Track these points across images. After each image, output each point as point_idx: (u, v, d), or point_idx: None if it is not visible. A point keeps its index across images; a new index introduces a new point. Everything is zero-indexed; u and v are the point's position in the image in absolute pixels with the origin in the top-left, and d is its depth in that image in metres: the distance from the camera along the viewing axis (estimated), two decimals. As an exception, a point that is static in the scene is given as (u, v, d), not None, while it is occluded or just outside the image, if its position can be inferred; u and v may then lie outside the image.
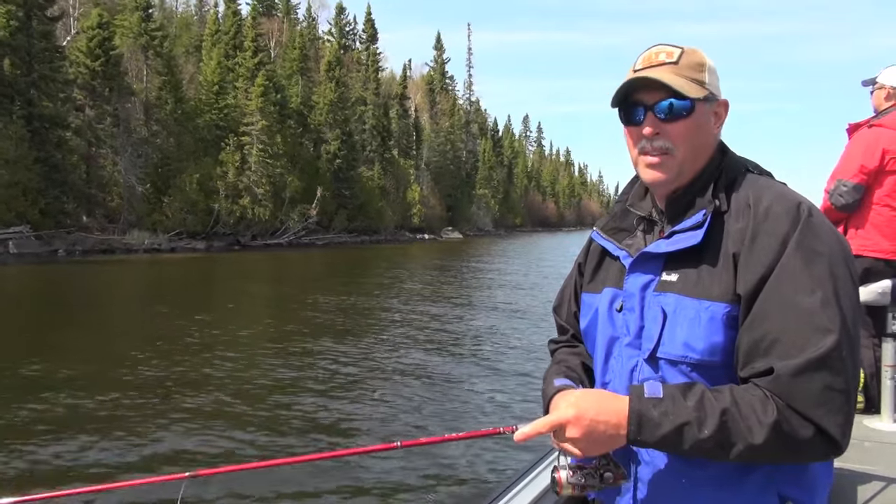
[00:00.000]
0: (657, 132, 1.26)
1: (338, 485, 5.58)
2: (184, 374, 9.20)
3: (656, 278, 1.27)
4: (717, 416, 1.10)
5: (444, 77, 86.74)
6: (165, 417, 7.24)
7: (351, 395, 8.48)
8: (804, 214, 1.17)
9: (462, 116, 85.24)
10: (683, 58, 1.27)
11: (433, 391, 8.72)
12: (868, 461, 2.90)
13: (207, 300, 17.27)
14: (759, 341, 1.13)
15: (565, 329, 1.57)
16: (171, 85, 42.46)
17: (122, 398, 7.95)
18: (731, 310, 1.17)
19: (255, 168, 43.64)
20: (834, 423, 1.08)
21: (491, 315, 15.30)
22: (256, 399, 8.17)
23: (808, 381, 1.08)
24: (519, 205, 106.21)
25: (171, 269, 29.14)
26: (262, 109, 43.82)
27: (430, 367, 10.11)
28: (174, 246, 38.64)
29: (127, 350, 10.66)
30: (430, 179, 72.99)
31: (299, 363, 10.17)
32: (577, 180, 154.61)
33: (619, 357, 1.32)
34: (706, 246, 1.21)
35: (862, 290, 3.67)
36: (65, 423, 7.00)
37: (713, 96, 1.28)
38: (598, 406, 1.17)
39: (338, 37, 69.64)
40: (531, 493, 1.81)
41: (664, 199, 1.33)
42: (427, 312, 15.43)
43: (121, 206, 38.60)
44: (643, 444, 1.16)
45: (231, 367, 9.72)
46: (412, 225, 65.88)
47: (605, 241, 1.42)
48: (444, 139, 77.16)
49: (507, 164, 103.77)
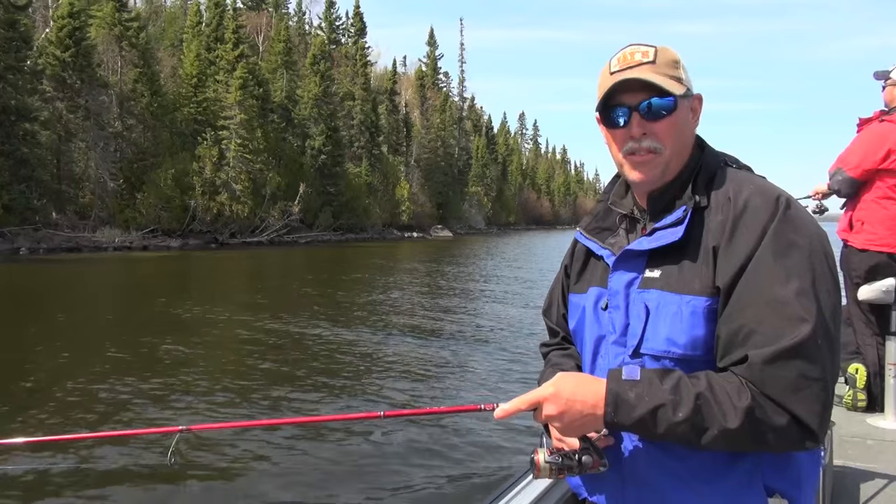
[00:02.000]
0: (644, 132, 1.27)
1: (320, 449, 5.93)
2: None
3: (640, 275, 1.28)
4: (691, 399, 1.11)
5: (437, 73, 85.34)
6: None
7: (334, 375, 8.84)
8: (782, 206, 1.18)
9: (454, 112, 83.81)
10: (659, 56, 1.27)
11: (418, 370, 9.11)
12: (871, 459, 2.94)
13: (163, 302, 16.02)
14: (736, 332, 1.14)
15: (556, 332, 1.57)
16: (146, 77, 41.03)
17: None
18: (712, 303, 1.18)
19: (234, 163, 42.19)
20: (809, 411, 1.09)
21: (464, 322, 14.08)
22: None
23: (782, 369, 1.09)
24: (513, 202, 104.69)
25: (137, 267, 27.79)
26: (241, 103, 42.36)
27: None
28: (147, 244, 37.24)
29: (46, 359, 9.51)
30: (420, 176, 71.60)
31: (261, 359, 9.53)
32: (572, 178, 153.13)
33: (605, 355, 1.33)
34: (687, 241, 1.23)
35: (866, 289, 3.71)
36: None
37: (690, 92, 1.29)
38: (575, 386, 1.20)
39: (328, 31, 68.40)
40: (532, 493, 1.78)
41: (646, 196, 1.34)
42: (389, 315, 14.24)
43: (93, 203, 37.24)
44: (620, 427, 1.18)
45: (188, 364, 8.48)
46: (401, 223, 64.53)
47: (588, 240, 1.43)
48: (435, 135, 75.68)
49: (501, 161, 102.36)
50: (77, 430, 6.35)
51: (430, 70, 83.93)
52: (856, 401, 3.87)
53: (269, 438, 6.02)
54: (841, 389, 3.87)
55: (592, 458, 1.23)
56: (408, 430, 6.35)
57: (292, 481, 5.25)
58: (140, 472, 5.28)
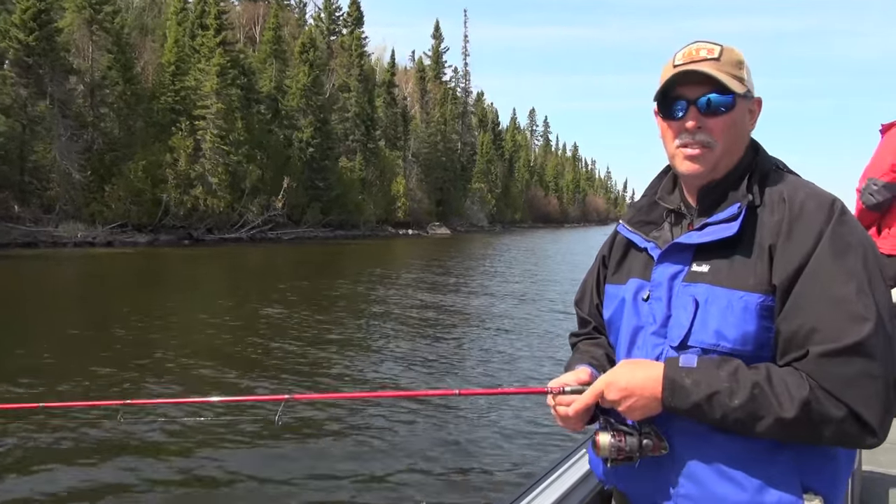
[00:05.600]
0: (699, 126, 1.28)
1: (401, 422, 6.81)
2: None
3: (686, 268, 1.29)
4: (748, 387, 1.14)
5: (441, 66, 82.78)
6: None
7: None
8: (837, 210, 1.21)
9: (457, 107, 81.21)
10: (724, 55, 1.29)
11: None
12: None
13: (89, 307, 13.89)
14: (797, 330, 1.16)
15: (587, 322, 1.58)
16: (120, 64, 38.92)
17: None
18: (766, 300, 1.20)
19: (210, 155, 39.93)
20: (869, 407, 1.11)
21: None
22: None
23: (844, 365, 1.11)
24: (519, 200, 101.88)
25: (89, 265, 25.65)
26: (218, 91, 40.09)
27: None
28: (112, 239, 35.05)
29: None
30: (419, 172, 69.14)
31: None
32: (582, 175, 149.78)
33: (643, 346, 1.34)
34: (740, 238, 1.24)
35: (894, 292, 3.39)
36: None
37: (750, 93, 1.31)
38: (632, 372, 1.25)
39: (327, 22, 66.26)
40: (559, 490, 1.79)
41: (696, 192, 1.35)
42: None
43: (59, 196, 35.19)
44: (677, 411, 1.20)
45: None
46: (396, 219, 62.16)
47: (631, 233, 1.44)
48: (435, 129, 73.13)
49: (507, 157, 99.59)
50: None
51: (433, 62, 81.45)
52: None
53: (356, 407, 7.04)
54: None
55: (653, 441, 1.26)
56: (478, 406, 7.26)
57: (383, 449, 6.12)
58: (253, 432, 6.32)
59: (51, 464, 5.59)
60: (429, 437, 6.45)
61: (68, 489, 5.18)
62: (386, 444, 6.24)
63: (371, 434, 6.49)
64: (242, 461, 5.73)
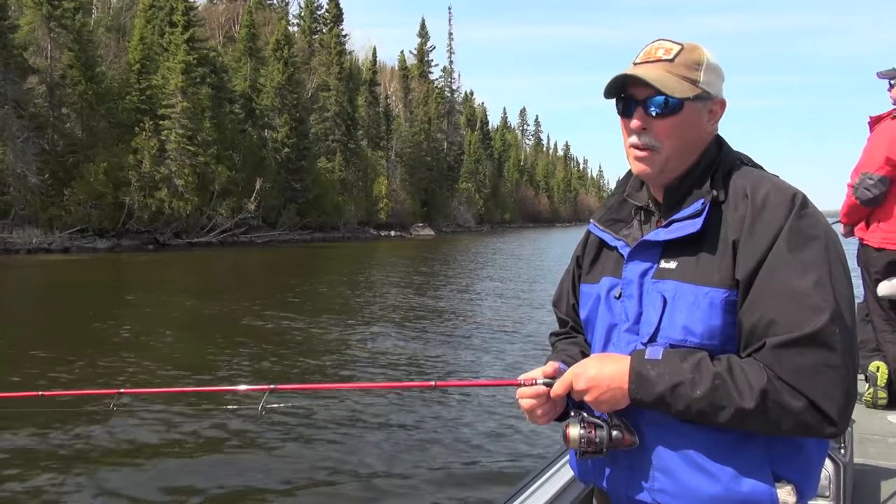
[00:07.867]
0: (644, 127, 1.30)
1: (375, 413, 6.90)
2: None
3: (654, 266, 1.30)
4: (710, 377, 1.16)
5: (426, 64, 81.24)
6: None
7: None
8: (798, 203, 1.22)
9: (442, 105, 79.71)
10: (680, 55, 1.29)
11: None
12: (892, 457, 2.98)
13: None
14: (756, 323, 1.18)
15: (565, 321, 1.59)
16: (80, 62, 37.31)
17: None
18: (730, 295, 1.21)
19: (175, 156, 38.34)
20: (829, 398, 1.12)
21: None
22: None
23: (799, 355, 1.13)
24: (509, 199, 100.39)
25: (32, 273, 24.09)
26: (184, 90, 38.52)
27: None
28: (70, 245, 33.46)
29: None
30: (402, 172, 67.61)
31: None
32: (573, 174, 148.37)
33: (617, 343, 1.35)
34: (705, 234, 1.25)
35: (886, 285, 3.75)
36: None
37: (706, 94, 1.29)
38: (600, 365, 1.27)
39: (308, 21, 64.74)
40: (550, 491, 1.77)
41: (661, 189, 1.36)
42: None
43: (14, 200, 33.57)
44: (643, 403, 1.22)
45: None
46: (379, 221, 60.64)
47: (602, 232, 1.44)
48: (419, 129, 71.62)
49: (496, 157, 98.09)
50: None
51: (417, 61, 79.93)
52: (876, 398, 3.85)
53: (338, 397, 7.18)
54: (861, 387, 3.84)
55: (623, 433, 1.26)
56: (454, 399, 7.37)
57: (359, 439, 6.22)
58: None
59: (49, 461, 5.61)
60: (407, 431, 6.45)
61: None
62: (368, 437, 6.28)
63: (358, 426, 6.55)
64: (220, 453, 5.86)
